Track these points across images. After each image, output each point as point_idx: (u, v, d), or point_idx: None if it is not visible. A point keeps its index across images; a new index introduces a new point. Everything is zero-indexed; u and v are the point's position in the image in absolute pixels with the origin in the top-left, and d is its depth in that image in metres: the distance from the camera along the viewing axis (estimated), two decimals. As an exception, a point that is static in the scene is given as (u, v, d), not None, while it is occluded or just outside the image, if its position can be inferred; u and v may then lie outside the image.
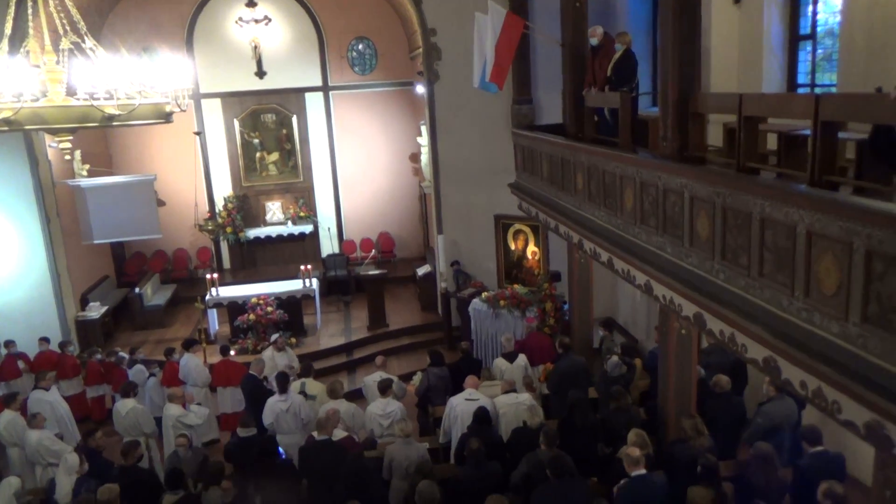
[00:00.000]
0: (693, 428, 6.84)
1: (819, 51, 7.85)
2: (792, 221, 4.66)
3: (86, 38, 6.19)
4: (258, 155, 17.52)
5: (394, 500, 7.11)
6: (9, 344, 11.72)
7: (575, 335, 10.72)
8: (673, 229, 6.33)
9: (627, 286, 11.83)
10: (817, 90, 7.72)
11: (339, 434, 7.78)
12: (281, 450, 8.41)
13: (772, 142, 6.20)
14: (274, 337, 10.95)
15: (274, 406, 8.70)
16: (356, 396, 10.69)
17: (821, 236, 4.44)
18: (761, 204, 4.95)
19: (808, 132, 5.18)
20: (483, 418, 7.49)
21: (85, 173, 14.54)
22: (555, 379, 9.09)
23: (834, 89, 7.28)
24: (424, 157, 16.33)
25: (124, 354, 11.62)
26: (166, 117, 6.44)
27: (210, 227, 15.22)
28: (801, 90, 7.95)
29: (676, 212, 6.22)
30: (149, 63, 6.35)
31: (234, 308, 13.74)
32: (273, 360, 10.52)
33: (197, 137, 16.69)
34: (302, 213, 17.63)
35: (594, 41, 9.06)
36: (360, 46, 17.54)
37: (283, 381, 9.01)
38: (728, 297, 5.47)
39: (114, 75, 5.87)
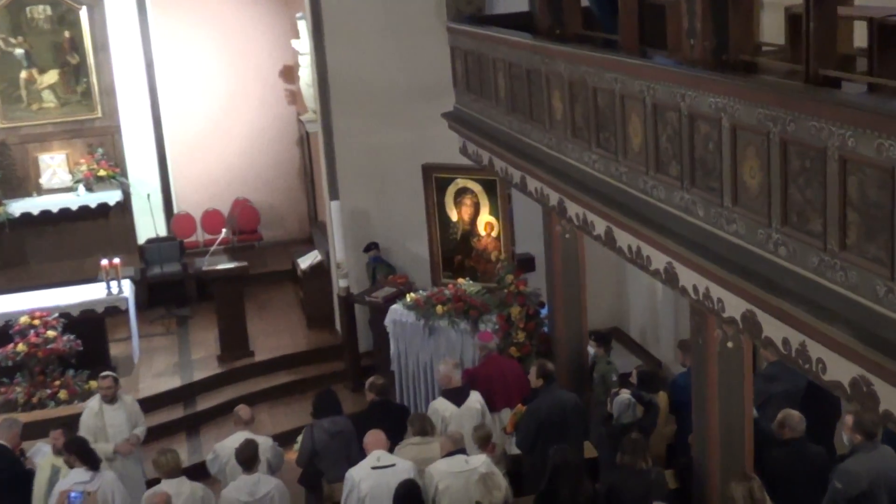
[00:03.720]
0: (747, 496, 7.01)
1: None
2: (890, 161, 4.78)
3: None
4: (24, 75, 17.08)
5: None
6: None
7: (560, 357, 10.84)
8: (706, 179, 6.42)
9: (641, 275, 12.04)
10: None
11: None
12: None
13: (860, 36, 6.34)
14: (104, 375, 10.57)
15: (67, 491, 8.59)
16: (201, 474, 10.60)
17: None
18: (842, 135, 5.06)
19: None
20: (408, 498, 7.51)
21: None
22: (529, 428, 9.18)
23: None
24: (305, 73, 16.18)
25: None
26: None
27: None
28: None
29: (711, 151, 6.30)
30: None
31: (-10, 334, 13.44)
32: (101, 417, 10.22)
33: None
34: (102, 172, 17.30)
35: None
36: None
37: (84, 450, 8.91)
38: (794, 284, 5.59)
39: None
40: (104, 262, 14.31)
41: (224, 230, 16.89)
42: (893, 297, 4.87)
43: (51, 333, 13.17)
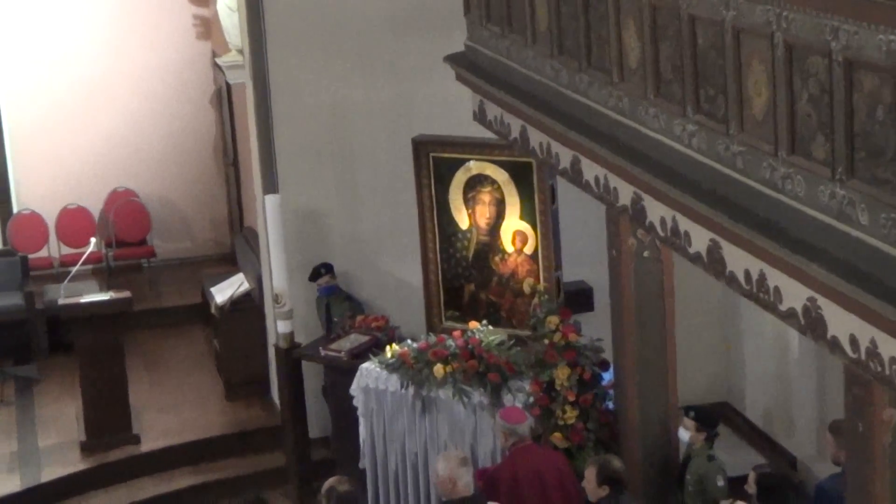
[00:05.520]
0: None
1: None
2: None
3: None
4: None
5: None
6: None
7: (633, 448, 10.81)
8: (872, 166, 6.32)
9: (764, 319, 11.97)
10: None
11: None
12: None
13: None
14: None
15: None
16: None
17: None
18: None
19: None
20: None
21: None
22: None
23: None
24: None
25: None
26: None
27: None
28: None
29: (881, 122, 6.22)
30: None
31: None
32: None
33: None
34: None
35: None
36: None
37: None
38: None
39: None
40: None
41: (93, 241, 16.89)
42: None
43: None
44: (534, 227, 12.75)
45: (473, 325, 12.78)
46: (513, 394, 11.86)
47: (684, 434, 10.65)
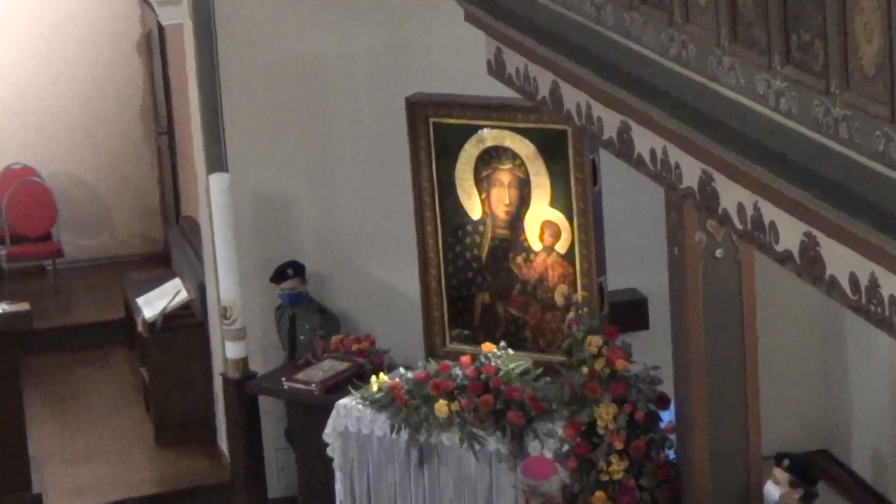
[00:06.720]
0: None
1: None
2: None
3: None
4: None
5: None
6: None
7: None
8: None
9: (877, 341, 12.05)
10: None
11: None
12: None
13: None
14: None
15: None
16: None
17: None
18: None
19: None
20: None
21: None
22: None
23: None
24: None
25: None
26: None
27: None
28: None
29: None
30: None
31: None
32: None
33: None
34: None
35: None
36: None
37: None
38: None
39: None
40: None
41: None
42: None
43: None
44: (569, 216, 12.81)
45: (488, 347, 12.84)
46: (540, 439, 11.94)
47: (773, 490, 10.71)
